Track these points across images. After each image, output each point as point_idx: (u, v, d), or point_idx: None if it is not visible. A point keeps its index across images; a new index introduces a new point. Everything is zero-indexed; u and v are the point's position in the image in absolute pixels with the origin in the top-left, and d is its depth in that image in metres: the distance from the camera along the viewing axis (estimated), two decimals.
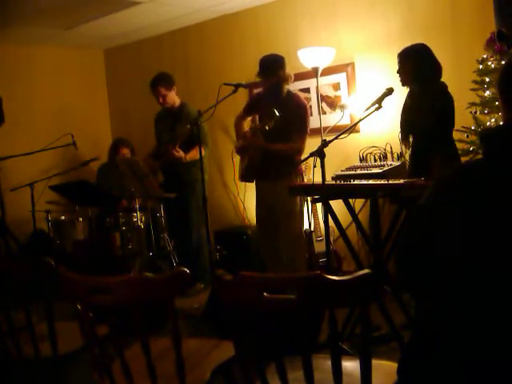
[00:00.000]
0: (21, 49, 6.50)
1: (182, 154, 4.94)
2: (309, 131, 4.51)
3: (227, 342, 2.31)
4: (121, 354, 1.95)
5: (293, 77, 4.58)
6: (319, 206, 4.95)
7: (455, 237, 1.49)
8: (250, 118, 4.87)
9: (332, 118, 5.35)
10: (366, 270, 1.62)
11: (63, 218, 5.65)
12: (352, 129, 3.76)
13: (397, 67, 3.90)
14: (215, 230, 5.75)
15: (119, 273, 5.10)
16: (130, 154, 5.97)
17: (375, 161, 4.57)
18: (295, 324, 1.65)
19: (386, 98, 3.44)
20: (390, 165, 4.05)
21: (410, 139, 3.95)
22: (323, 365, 1.92)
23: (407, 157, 4.04)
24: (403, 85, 3.92)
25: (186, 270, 1.89)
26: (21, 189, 5.69)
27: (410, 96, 3.97)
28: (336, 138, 3.37)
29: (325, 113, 5.41)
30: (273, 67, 4.45)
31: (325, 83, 5.39)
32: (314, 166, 3.36)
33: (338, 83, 5.42)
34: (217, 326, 3.62)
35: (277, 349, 1.70)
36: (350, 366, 1.98)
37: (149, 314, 1.98)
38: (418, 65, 3.82)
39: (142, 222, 5.35)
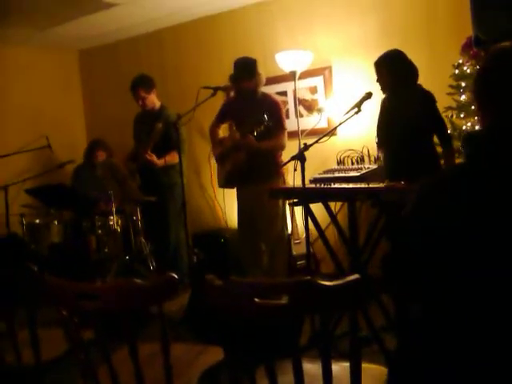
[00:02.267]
0: None
1: (154, 159, 4.93)
2: (287, 126, 4.58)
3: (213, 348, 2.31)
4: (108, 359, 1.94)
5: (264, 78, 4.61)
6: (297, 209, 5.00)
7: (443, 243, 1.50)
8: (224, 125, 4.86)
9: (309, 121, 5.39)
10: (356, 275, 1.64)
11: (38, 221, 5.57)
12: (331, 132, 3.79)
13: (374, 74, 3.98)
14: (193, 234, 5.73)
15: (95, 277, 5.08)
16: (107, 157, 5.92)
17: (352, 164, 4.61)
18: (284, 328, 1.66)
19: (364, 102, 3.49)
20: (368, 168, 4.10)
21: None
22: (310, 368, 1.93)
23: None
24: (384, 92, 3.99)
25: (174, 275, 1.88)
26: None
27: (388, 102, 4.03)
28: (316, 141, 3.39)
29: (302, 116, 5.43)
30: (250, 70, 4.47)
31: (302, 86, 5.42)
32: (295, 170, 3.38)
33: (315, 87, 5.45)
34: (198, 330, 3.60)
35: (267, 353, 1.70)
36: (335, 369, 2.00)
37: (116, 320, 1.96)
38: (394, 71, 3.91)
39: (118, 225, 5.30)
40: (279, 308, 1.61)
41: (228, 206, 5.92)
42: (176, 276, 1.89)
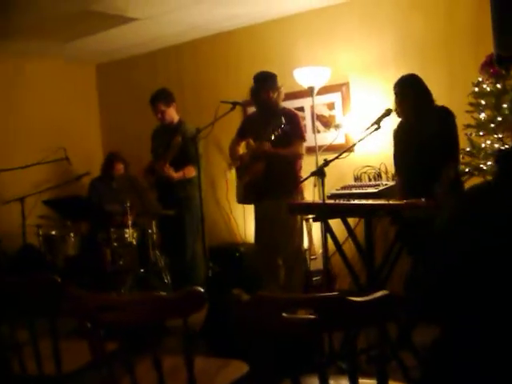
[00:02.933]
0: (12, 61, 6.46)
1: (171, 172, 4.95)
2: (305, 137, 4.63)
3: (235, 361, 2.30)
4: (131, 371, 1.93)
5: (284, 92, 4.65)
6: (314, 224, 5.00)
7: (481, 256, 1.50)
8: (244, 143, 4.88)
9: (326, 137, 5.39)
10: (384, 291, 1.64)
11: (54, 232, 5.60)
12: (351, 148, 3.80)
13: (391, 91, 3.98)
14: (208, 247, 5.72)
15: (110, 289, 5.09)
16: (125, 169, 5.95)
17: (369, 180, 4.61)
18: (306, 343, 1.66)
19: (384, 119, 3.50)
20: (385, 184, 4.09)
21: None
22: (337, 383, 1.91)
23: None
24: (399, 116, 3.97)
25: (200, 289, 1.89)
26: (12, 203, 5.65)
27: (404, 126, 4.00)
28: (337, 157, 3.40)
29: (319, 132, 5.44)
30: (270, 83, 4.51)
31: (319, 102, 5.43)
32: (315, 186, 3.39)
33: (333, 103, 5.47)
34: (216, 343, 3.60)
35: (293, 367, 1.69)
36: None
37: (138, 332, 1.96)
38: (419, 92, 3.90)
39: (133, 238, 5.32)
40: (308, 323, 1.61)
41: (243, 220, 5.92)
42: (202, 289, 1.89)
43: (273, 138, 4.22)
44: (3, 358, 2.39)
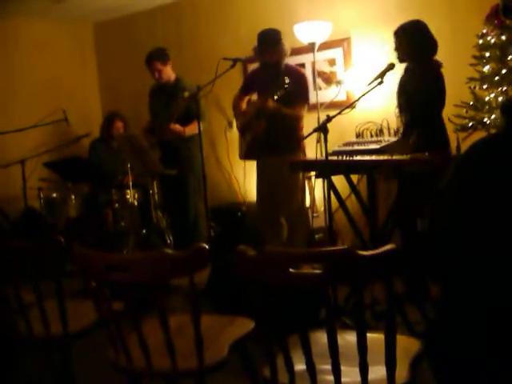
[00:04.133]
0: (8, 22, 6.34)
1: (179, 128, 4.89)
2: (309, 99, 4.55)
3: (240, 318, 2.31)
4: (138, 328, 1.94)
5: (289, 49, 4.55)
6: (316, 182, 4.97)
7: (483, 215, 1.48)
8: (247, 98, 4.81)
9: (327, 94, 5.32)
10: (391, 245, 1.62)
11: (55, 195, 5.59)
12: (353, 104, 3.75)
13: (393, 44, 3.92)
14: (209, 207, 5.72)
15: (112, 250, 5.10)
16: (124, 128, 5.90)
17: (371, 136, 4.57)
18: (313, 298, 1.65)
19: (387, 74, 3.45)
20: (387, 140, 4.05)
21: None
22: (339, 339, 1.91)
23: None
24: (400, 61, 3.93)
25: (205, 245, 1.88)
26: (11, 166, 5.62)
27: (405, 72, 3.98)
28: (339, 113, 3.36)
29: (320, 88, 5.37)
30: (274, 43, 4.42)
31: (320, 59, 5.35)
32: (318, 142, 3.36)
33: (334, 59, 5.39)
34: (220, 302, 3.61)
35: (301, 322, 1.69)
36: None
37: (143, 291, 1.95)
38: (413, 41, 3.86)
39: (135, 198, 5.31)
40: (315, 277, 1.60)
41: (244, 179, 5.90)
42: (207, 246, 1.88)
43: (275, 98, 4.16)
44: (10, 320, 2.40)
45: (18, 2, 5.82)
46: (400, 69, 3.99)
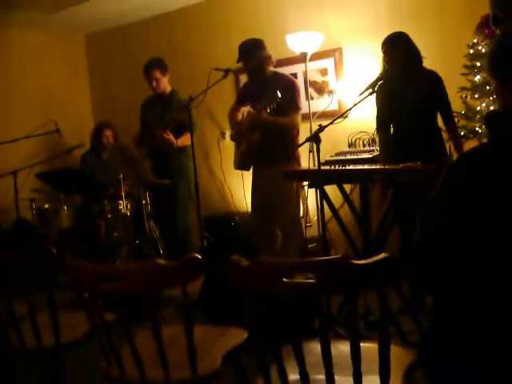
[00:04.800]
0: (0, 33, 6.32)
1: (172, 138, 4.89)
2: (301, 106, 4.51)
3: (233, 329, 2.30)
4: (131, 339, 1.92)
5: (274, 57, 4.52)
6: (309, 191, 4.98)
7: (474, 220, 1.48)
8: (244, 109, 4.82)
9: (320, 104, 5.35)
10: (384, 254, 1.62)
11: (47, 206, 5.56)
12: (346, 114, 3.76)
13: (383, 60, 3.96)
14: (202, 217, 5.70)
15: (105, 261, 5.08)
16: (114, 137, 5.89)
17: (364, 146, 4.59)
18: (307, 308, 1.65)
19: (379, 83, 3.46)
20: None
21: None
22: (337, 348, 1.91)
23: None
24: (392, 76, 3.93)
25: (197, 255, 1.87)
26: (3, 177, 5.60)
27: (393, 84, 3.95)
28: (331, 122, 3.36)
29: (312, 98, 5.38)
30: (250, 50, 4.43)
31: (312, 68, 5.37)
32: (310, 151, 3.36)
33: (326, 68, 5.41)
34: (213, 313, 3.60)
35: (294, 332, 1.68)
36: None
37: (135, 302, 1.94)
38: (406, 52, 3.87)
39: (127, 209, 5.29)
40: (308, 286, 1.60)
41: (237, 189, 5.90)
42: (200, 256, 1.88)
43: (268, 111, 4.16)
44: (2, 332, 2.38)
45: (10, 13, 5.82)
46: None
